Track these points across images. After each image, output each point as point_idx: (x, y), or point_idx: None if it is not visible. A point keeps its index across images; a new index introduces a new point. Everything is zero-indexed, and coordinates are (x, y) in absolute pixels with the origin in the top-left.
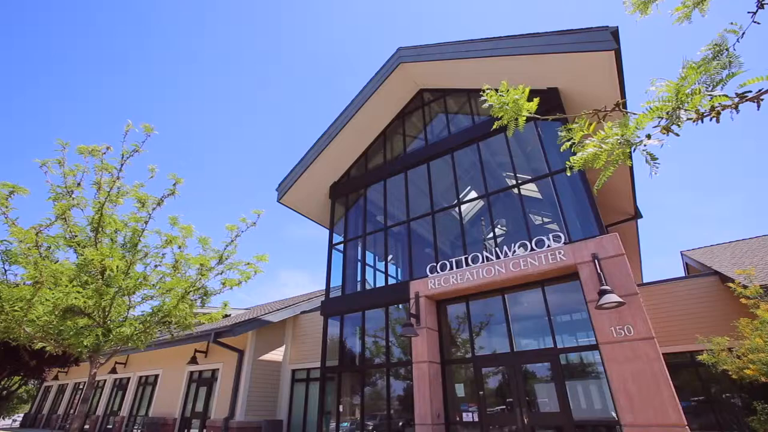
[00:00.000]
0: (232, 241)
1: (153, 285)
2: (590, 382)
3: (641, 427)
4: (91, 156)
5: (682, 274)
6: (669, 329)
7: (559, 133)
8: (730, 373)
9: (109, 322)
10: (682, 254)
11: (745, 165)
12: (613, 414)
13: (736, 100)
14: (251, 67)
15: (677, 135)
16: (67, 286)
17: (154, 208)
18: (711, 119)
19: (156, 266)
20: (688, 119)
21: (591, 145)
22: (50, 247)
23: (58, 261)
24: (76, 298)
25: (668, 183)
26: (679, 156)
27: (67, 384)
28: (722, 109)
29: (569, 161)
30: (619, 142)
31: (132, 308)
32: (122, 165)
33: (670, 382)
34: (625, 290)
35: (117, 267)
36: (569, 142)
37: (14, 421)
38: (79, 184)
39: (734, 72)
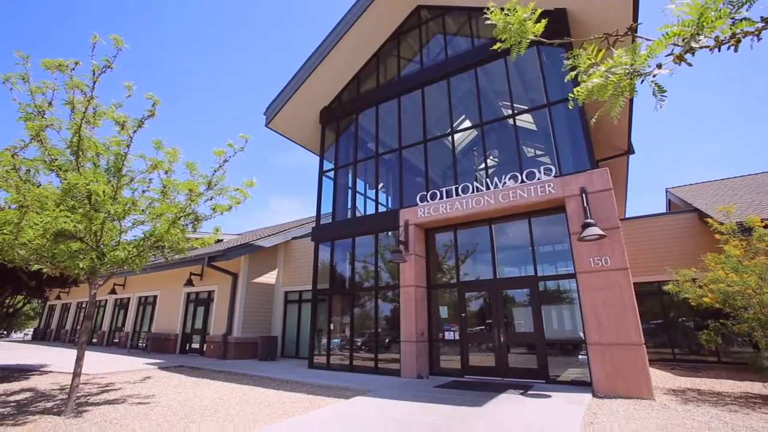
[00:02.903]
0: (220, 166)
1: (142, 210)
2: (564, 308)
3: (605, 345)
4: (59, 71)
5: (665, 210)
6: (645, 261)
7: (564, 60)
8: (690, 300)
9: (102, 246)
10: (666, 191)
11: (736, 107)
12: (581, 334)
13: (761, 25)
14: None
15: (690, 65)
16: (54, 210)
17: (135, 131)
18: (729, 47)
19: (144, 191)
20: (705, 47)
21: (597, 74)
22: (30, 171)
23: (41, 185)
24: (65, 222)
25: (663, 120)
26: (674, 94)
27: (71, 303)
28: (743, 36)
29: (572, 93)
30: (628, 72)
31: (124, 233)
32: (94, 83)
33: (636, 309)
34: (608, 224)
35: (103, 192)
36: (574, 72)
37: (26, 335)
38: (50, 103)
39: None
